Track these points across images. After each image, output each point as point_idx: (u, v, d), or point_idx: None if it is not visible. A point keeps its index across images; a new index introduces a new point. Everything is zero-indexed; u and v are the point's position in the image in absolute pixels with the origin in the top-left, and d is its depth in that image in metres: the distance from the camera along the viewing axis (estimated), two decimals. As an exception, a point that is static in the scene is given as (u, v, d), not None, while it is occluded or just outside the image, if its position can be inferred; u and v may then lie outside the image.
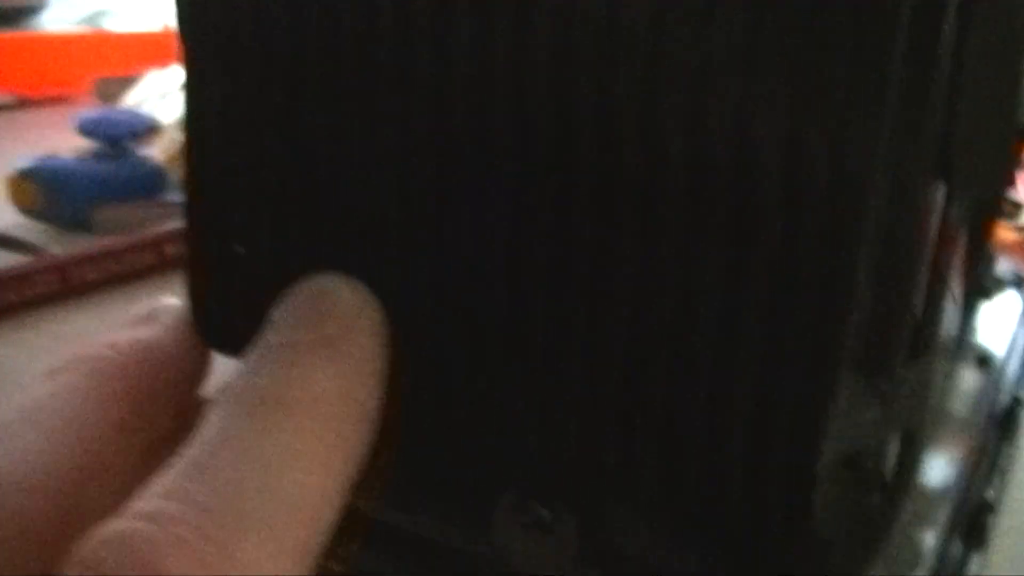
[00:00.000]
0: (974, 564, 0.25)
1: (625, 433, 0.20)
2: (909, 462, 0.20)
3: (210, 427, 0.17)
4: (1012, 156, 0.18)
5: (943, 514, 0.25)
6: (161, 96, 0.55)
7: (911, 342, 0.19)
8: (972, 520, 0.26)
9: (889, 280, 0.18)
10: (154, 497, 0.16)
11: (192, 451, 0.17)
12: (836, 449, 0.19)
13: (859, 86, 0.16)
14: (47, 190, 0.51)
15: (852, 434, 0.19)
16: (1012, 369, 0.35)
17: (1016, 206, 0.35)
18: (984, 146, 0.18)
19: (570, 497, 0.20)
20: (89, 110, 0.57)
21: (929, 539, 0.24)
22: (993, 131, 0.18)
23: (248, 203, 0.22)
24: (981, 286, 0.36)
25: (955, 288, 0.26)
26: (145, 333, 0.21)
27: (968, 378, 0.33)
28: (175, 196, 0.53)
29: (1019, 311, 0.38)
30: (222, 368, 0.25)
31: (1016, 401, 0.33)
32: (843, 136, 0.16)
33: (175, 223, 0.47)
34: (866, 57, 0.16)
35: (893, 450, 0.21)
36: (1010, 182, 0.18)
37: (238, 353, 0.24)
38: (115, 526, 0.15)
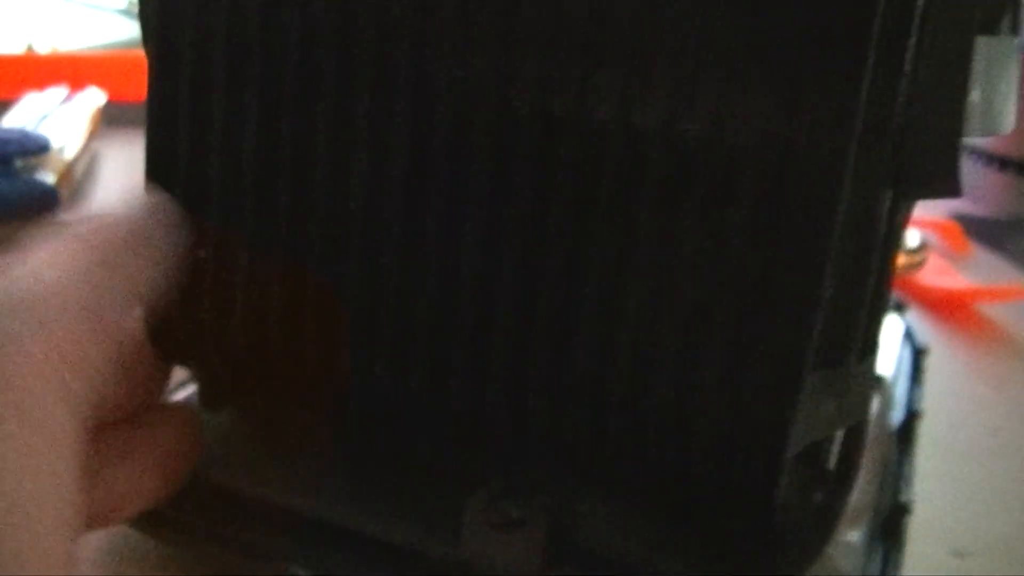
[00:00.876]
0: (891, 564, 0.26)
1: (596, 423, 0.20)
2: (854, 457, 0.21)
3: None
4: (957, 164, 0.19)
5: (865, 518, 0.26)
6: (40, 118, 0.53)
7: (862, 341, 0.20)
8: (892, 522, 0.27)
9: (846, 281, 0.19)
10: None
11: None
12: (797, 443, 0.19)
13: (835, 86, 0.17)
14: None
15: (811, 428, 0.20)
16: (901, 387, 0.37)
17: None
18: (932, 155, 0.19)
19: (541, 493, 0.21)
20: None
21: (855, 541, 0.25)
22: (941, 140, 0.19)
23: (219, 207, 0.22)
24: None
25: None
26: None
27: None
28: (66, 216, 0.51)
29: (901, 334, 0.40)
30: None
31: (912, 414, 0.34)
32: (819, 133, 0.18)
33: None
34: (842, 60, 0.17)
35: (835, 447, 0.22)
36: (955, 191, 0.19)
37: (192, 363, 0.23)
38: None
